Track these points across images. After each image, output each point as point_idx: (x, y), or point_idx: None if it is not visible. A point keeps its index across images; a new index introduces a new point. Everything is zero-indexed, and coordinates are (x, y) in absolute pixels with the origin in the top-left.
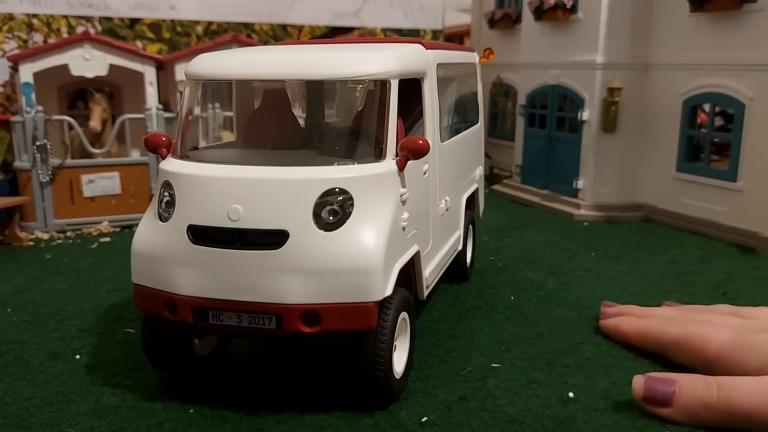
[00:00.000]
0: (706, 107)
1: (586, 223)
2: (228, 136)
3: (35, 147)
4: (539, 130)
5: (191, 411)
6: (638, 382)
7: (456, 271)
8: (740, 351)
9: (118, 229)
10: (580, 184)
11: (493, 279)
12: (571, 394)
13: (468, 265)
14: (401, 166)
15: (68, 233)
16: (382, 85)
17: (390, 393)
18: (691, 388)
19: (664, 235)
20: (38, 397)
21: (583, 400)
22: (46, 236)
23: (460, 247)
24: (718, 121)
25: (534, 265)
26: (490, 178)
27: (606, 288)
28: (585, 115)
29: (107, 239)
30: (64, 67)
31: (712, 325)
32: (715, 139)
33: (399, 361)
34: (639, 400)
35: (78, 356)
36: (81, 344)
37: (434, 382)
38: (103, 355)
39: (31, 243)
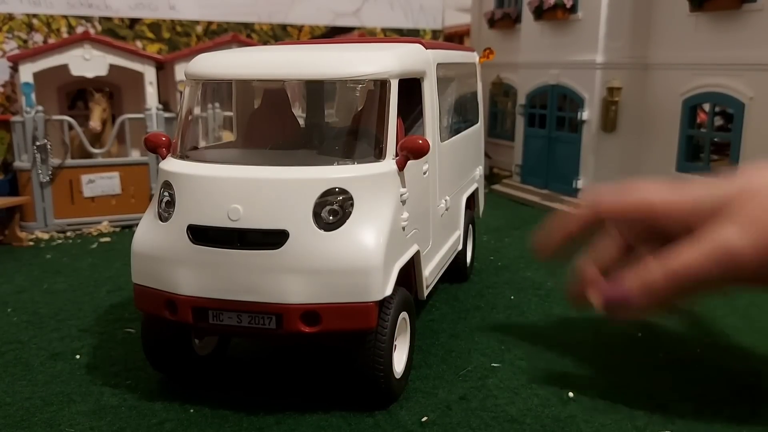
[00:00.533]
0: (706, 107)
1: None
2: (228, 136)
3: (35, 147)
4: (539, 130)
5: (191, 411)
6: (594, 296)
7: (456, 270)
8: None
9: (118, 229)
10: (580, 183)
11: (493, 279)
12: (571, 394)
13: (468, 265)
14: (401, 166)
15: (68, 233)
16: (382, 85)
17: (390, 393)
18: (638, 278)
19: None
20: (38, 397)
21: (583, 399)
22: (46, 236)
23: (460, 247)
24: (718, 121)
25: (534, 265)
26: (490, 177)
27: None
28: (585, 114)
29: (107, 239)
30: (64, 67)
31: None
32: (715, 139)
33: (399, 360)
34: (602, 311)
35: (78, 356)
36: (81, 344)
37: (434, 382)
38: (103, 355)
39: (31, 243)
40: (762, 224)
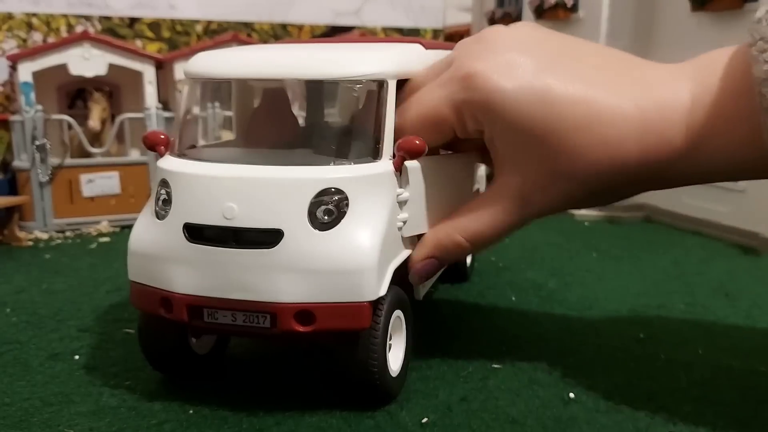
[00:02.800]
0: None
1: (587, 223)
2: (227, 136)
3: (34, 146)
4: None
5: (191, 411)
6: (412, 277)
7: (456, 271)
8: None
9: (117, 229)
10: None
11: (494, 279)
12: (572, 395)
13: (468, 266)
14: (398, 167)
15: (67, 233)
16: (380, 85)
17: (386, 391)
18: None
19: (666, 236)
20: (37, 398)
21: (585, 400)
22: (45, 236)
23: None
24: None
25: (535, 266)
26: (490, 177)
27: (608, 288)
28: None
29: (106, 239)
30: (64, 67)
31: None
32: None
33: (395, 359)
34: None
35: (77, 356)
36: (80, 344)
37: (435, 383)
38: (102, 356)
39: (30, 243)
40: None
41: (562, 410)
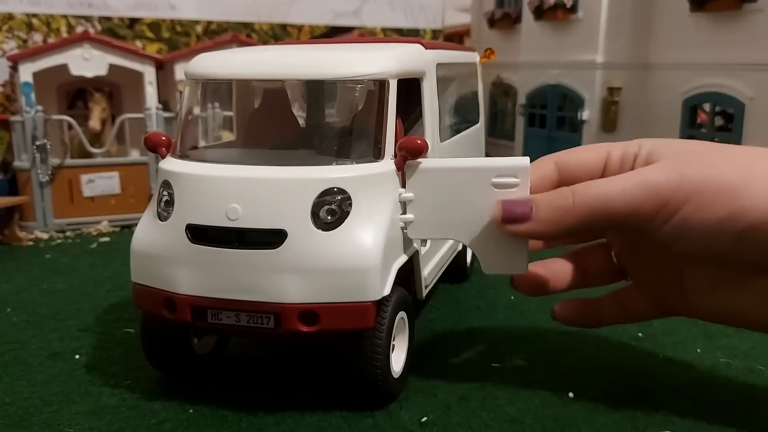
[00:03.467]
0: (706, 107)
1: None
2: (228, 136)
3: (35, 147)
4: (539, 130)
5: (191, 411)
6: (497, 206)
7: (456, 271)
8: None
9: (117, 229)
10: None
11: (493, 279)
12: (571, 394)
13: (468, 265)
14: (399, 166)
15: (68, 233)
16: (381, 85)
17: (388, 392)
18: (546, 200)
19: None
20: (38, 397)
21: (583, 400)
22: (45, 236)
23: (459, 247)
24: (718, 121)
25: None
26: None
27: (606, 288)
28: (585, 114)
29: (107, 239)
30: (64, 67)
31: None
32: (715, 139)
33: (397, 360)
34: (499, 223)
35: (77, 356)
36: (80, 344)
37: (434, 382)
38: (102, 355)
39: (30, 243)
40: (682, 161)
41: (561, 409)
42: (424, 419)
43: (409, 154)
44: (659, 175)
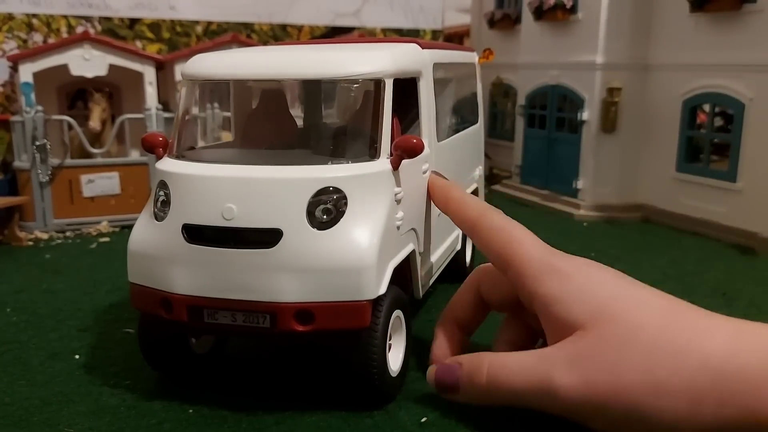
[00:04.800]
0: (706, 108)
1: (585, 224)
2: (227, 137)
3: (35, 147)
4: (539, 131)
5: (190, 411)
6: (430, 372)
7: (455, 271)
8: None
9: (117, 229)
10: (579, 184)
11: None
12: None
13: (468, 265)
14: (395, 166)
15: (68, 233)
16: (377, 84)
17: (386, 391)
18: (468, 373)
19: (664, 236)
20: (37, 397)
21: None
22: (45, 236)
23: (458, 247)
24: (718, 122)
25: None
26: (490, 178)
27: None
28: (585, 115)
29: (107, 239)
30: (64, 67)
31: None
32: (715, 140)
33: (394, 359)
34: (434, 387)
35: (77, 356)
36: (80, 344)
37: None
38: (102, 355)
39: (30, 243)
40: (593, 370)
41: None
42: (423, 419)
43: (405, 154)
44: (565, 380)
